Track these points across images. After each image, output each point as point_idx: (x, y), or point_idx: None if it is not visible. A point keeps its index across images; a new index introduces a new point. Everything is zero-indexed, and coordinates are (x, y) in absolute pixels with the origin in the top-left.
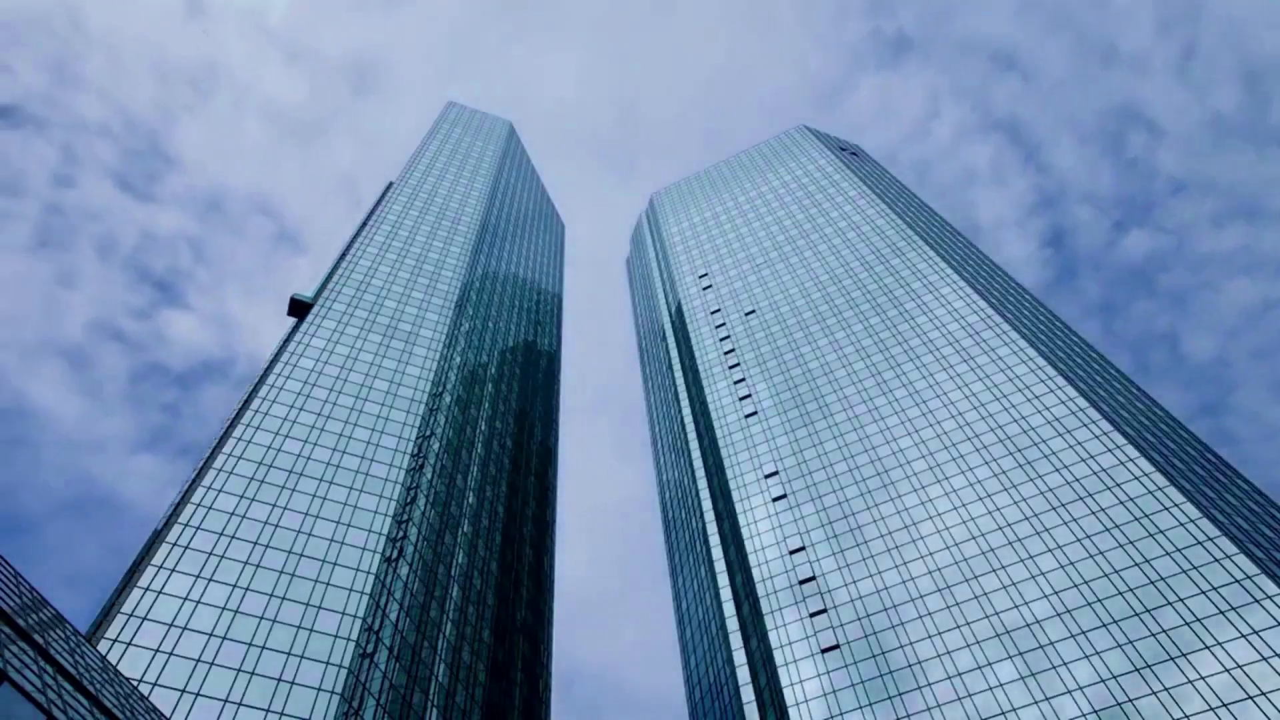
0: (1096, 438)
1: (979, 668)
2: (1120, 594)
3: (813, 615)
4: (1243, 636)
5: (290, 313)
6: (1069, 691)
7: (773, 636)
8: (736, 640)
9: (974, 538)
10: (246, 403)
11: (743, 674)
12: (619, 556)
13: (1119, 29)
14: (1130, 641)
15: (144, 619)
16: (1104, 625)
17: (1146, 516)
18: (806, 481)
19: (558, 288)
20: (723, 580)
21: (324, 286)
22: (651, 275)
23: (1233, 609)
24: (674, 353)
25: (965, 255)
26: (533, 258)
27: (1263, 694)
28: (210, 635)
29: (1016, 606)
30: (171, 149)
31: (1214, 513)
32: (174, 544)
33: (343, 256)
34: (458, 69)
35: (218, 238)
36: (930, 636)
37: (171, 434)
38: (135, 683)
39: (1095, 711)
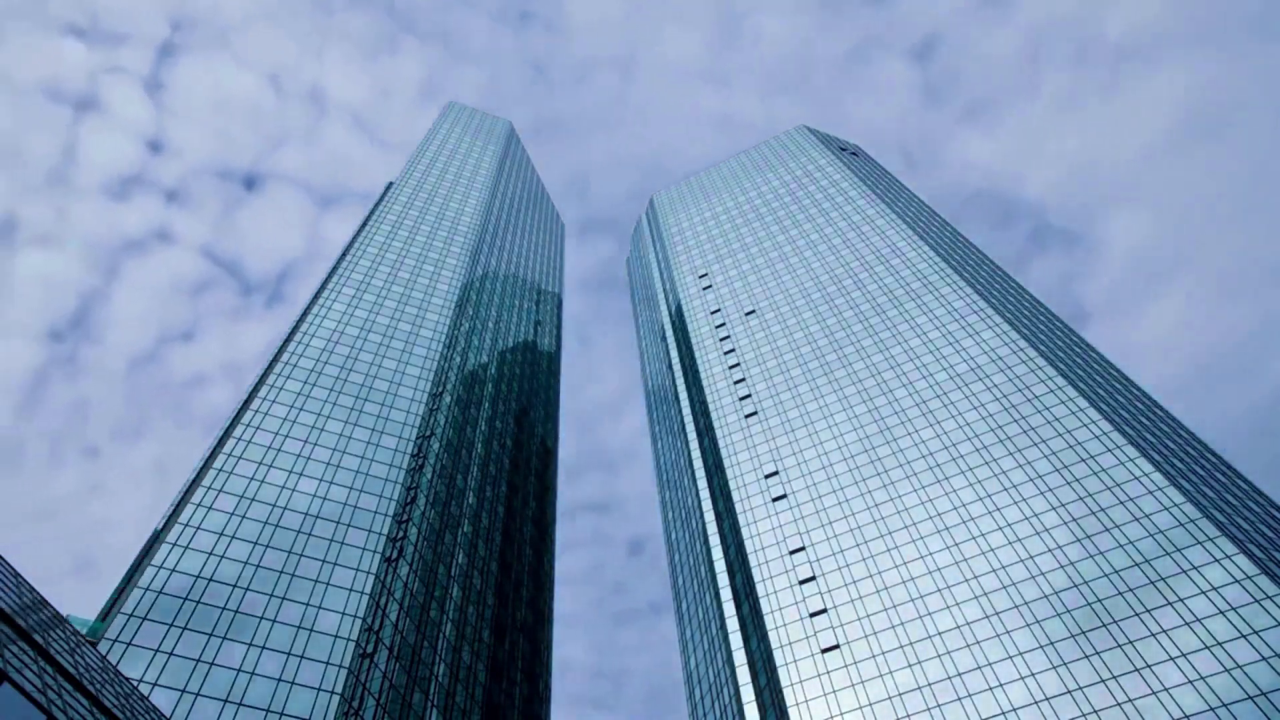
0: (1096, 438)
1: (979, 668)
2: (1120, 594)
3: (813, 615)
4: (1242, 636)
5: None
6: (1069, 691)
7: (773, 636)
8: (736, 640)
9: (974, 538)
10: (247, 402)
11: (743, 674)
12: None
13: None
14: (1130, 641)
15: (144, 619)
16: (1104, 625)
17: (1146, 516)
18: (806, 481)
19: (558, 288)
20: (723, 580)
21: (319, 293)
22: (651, 275)
23: (1233, 609)
24: (674, 353)
25: (965, 255)
26: (533, 258)
27: (1262, 694)
28: (210, 635)
29: (1016, 606)
30: None
31: (1214, 513)
32: (174, 544)
33: (342, 257)
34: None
35: None
36: (930, 636)
37: None
38: (135, 683)
39: (1095, 711)
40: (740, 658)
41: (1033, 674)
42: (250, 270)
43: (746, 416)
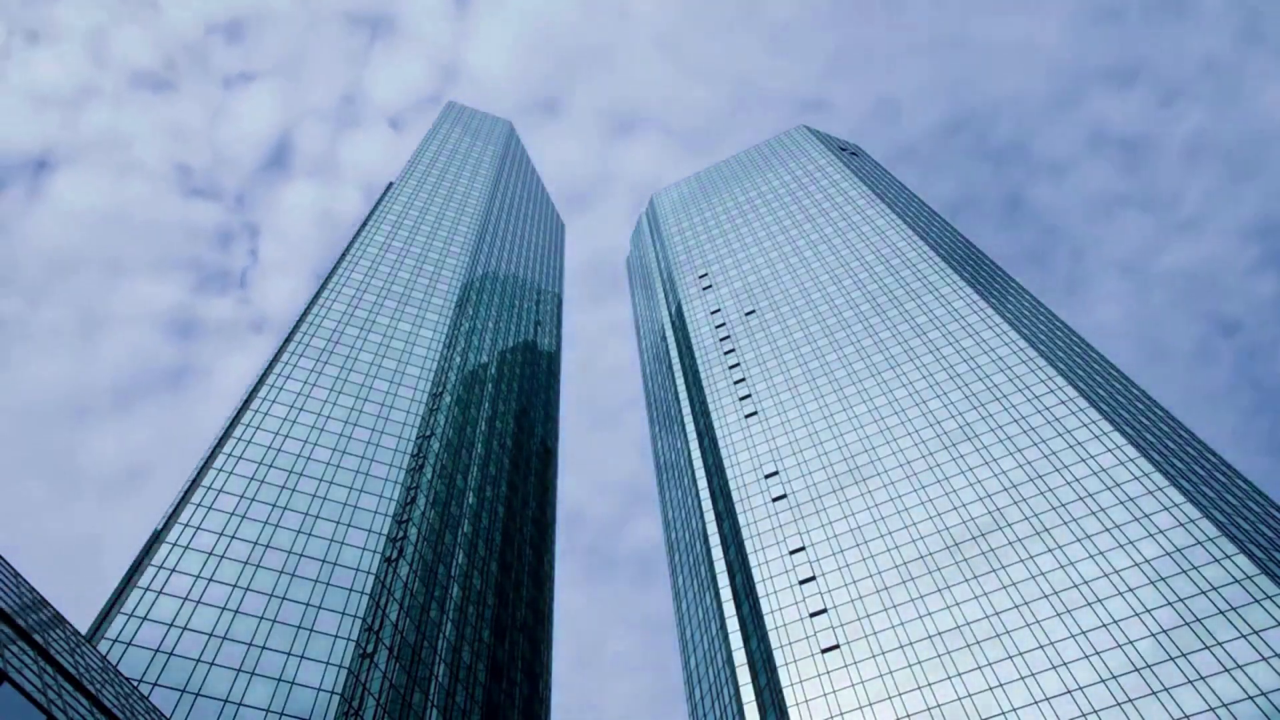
0: (1096, 438)
1: (979, 668)
2: (1120, 594)
3: (813, 615)
4: (1243, 636)
5: None
6: (1069, 692)
7: (773, 636)
8: (736, 640)
9: (974, 538)
10: (247, 402)
11: (743, 674)
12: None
13: None
14: (1130, 641)
15: (144, 619)
16: (1104, 625)
17: (1147, 516)
18: (806, 481)
19: (558, 288)
20: (723, 580)
21: (322, 289)
22: (651, 275)
23: (1233, 609)
24: (674, 353)
25: (965, 255)
26: (533, 258)
27: (1263, 694)
28: (210, 635)
29: (1016, 606)
30: None
31: (1214, 513)
32: (174, 544)
33: (343, 257)
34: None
35: None
36: (930, 636)
37: None
38: (135, 683)
39: (1095, 711)
40: (740, 658)
41: (1033, 674)
42: None
43: (746, 416)
